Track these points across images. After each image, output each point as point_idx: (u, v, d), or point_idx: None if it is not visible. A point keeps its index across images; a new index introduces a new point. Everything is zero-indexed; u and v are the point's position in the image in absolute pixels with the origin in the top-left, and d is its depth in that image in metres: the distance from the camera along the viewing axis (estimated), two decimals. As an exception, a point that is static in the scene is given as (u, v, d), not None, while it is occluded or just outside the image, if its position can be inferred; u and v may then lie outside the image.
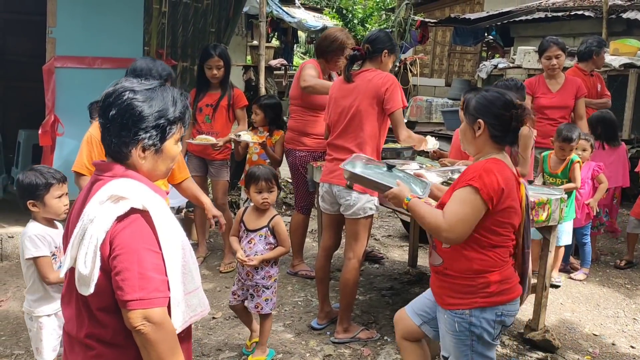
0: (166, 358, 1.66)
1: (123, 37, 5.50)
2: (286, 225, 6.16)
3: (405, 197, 2.64)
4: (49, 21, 5.14)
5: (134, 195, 1.69)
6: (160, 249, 1.68)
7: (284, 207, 6.77)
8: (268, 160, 5.00)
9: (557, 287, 4.87)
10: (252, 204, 3.54)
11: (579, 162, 4.72)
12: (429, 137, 4.15)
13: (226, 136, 4.86)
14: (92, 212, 1.67)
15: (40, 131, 5.12)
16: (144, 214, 1.69)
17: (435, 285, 2.69)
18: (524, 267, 2.66)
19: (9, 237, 5.02)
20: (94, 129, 3.09)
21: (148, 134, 1.75)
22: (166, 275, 1.68)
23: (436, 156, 4.60)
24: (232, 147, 5.10)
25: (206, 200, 3.50)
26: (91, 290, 1.63)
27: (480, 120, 2.59)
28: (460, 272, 2.56)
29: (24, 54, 7.31)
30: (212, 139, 4.71)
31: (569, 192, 4.60)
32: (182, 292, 1.74)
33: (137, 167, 1.80)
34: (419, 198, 2.71)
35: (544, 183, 4.75)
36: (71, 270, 1.75)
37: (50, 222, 2.90)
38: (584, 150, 4.91)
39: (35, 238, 2.77)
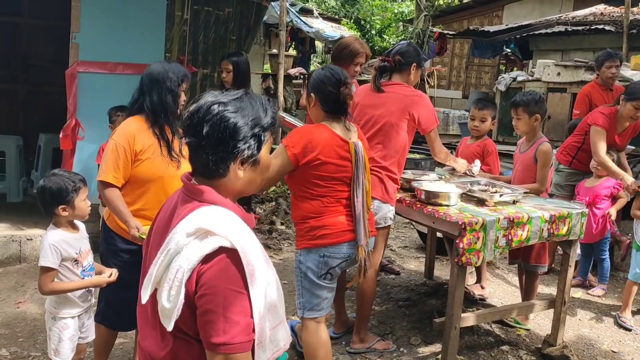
0: None
1: (145, 44, 5.55)
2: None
3: None
4: (73, 27, 5.20)
5: (223, 230, 1.58)
6: (247, 289, 1.58)
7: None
8: None
9: (628, 330, 4.47)
10: None
11: None
12: (477, 162, 4.20)
13: None
14: (179, 242, 1.58)
15: (61, 135, 5.18)
16: (232, 252, 1.57)
17: None
18: (355, 214, 3.06)
19: (27, 239, 5.07)
20: (120, 138, 2.96)
21: (247, 145, 1.64)
22: (251, 317, 1.58)
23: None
24: None
25: None
26: (170, 327, 1.56)
27: (312, 94, 3.12)
28: (296, 219, 3.14)
29: (46, 58, 7.40)
30: None
31: None
32: (266, 330, 1.64)
33: (232, 183, 1.69)
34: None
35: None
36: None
37: (71, 226, 2.90)
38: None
39: (49, 247, 2.77)
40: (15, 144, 6.33)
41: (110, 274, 2.91)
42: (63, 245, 2.79)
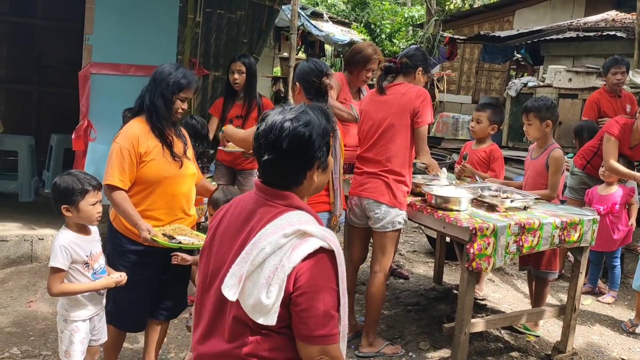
0: None
1: (157, 46, 5.58)
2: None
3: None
4: (87, 28, 5.24)
5: (320, 233, 1.72)
6: (338, 286, 1.73)
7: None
8: None
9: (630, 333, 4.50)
10: None
11: None
12: (444, 170, 4.14)
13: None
14: (276, 242, 1.69)
15: (73, 136, 5.21)
16: (330, 253, 1.72)
17: None
18: (334, 188, 3.45)
19: (39, 239, 5.10)
20: (124, 140, 2.97)
21: (320, 153, 1.81)
22: (338, 312, 1.73)
23: (461, 174, 4.59)
24: None
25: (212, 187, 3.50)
26: (272, 321, 1.66)
27: (297, 83, 3.47)
28: None
29: (59, 60, 7.45)
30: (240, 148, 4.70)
31: None
32: (345, 325, 1.79)
33: (305, 189, 1.85)
34: None
35: None
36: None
37: (82, 228, 2.86)
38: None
39: (59, 248, 2.73)
40: (28, 144, 6.37)
41: (120, 275, 2.89)
42: (73, 247, 2.76)
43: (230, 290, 1.71)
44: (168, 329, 3.45)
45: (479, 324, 3.62)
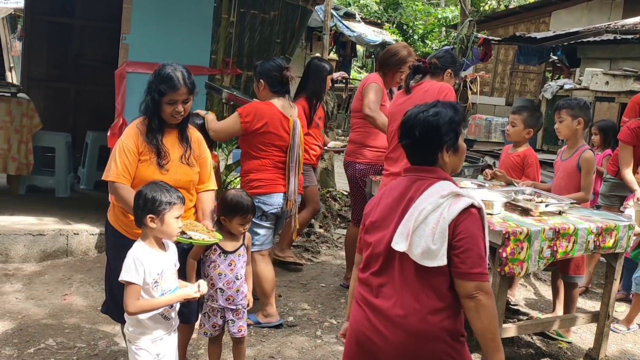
0: (493, 320, 2.11)
1: (192, 45, 5.64)
2: (340, 237, 6.20)
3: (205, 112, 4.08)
4: (124, 28, 5.32)
5: (469, 194, 2.16)
6: (485, 237, 2.14)
7: (338, 219, 6.76)
8: None
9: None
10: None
11: None
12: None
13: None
14: (435, 202, 2.12)
15: (109, 133, 5.29)
16: (479, 209, 2.14)
17: None
18: (289, 175, 3.98)
19: (74, 233, 5.20)
20: (126, 138, 2.99)
21: (448, 137, 2.21)
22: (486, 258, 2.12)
23: (489, 177, 4.54)
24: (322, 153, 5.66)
25: (205, 220, 3.22)
26: (442, 262, 2.06)
27: (261, 80, 3.96)
28: (242, 173, 4.08)
29: (96, 59, 7.59)
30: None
31: None
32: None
33: (442, 168, 2.24)
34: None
35: None
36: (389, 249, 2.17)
37: (159, 244, 2.69)
38: None
39: (133, 262, 2.56)
40: (65, 141, 6.49)
41: (197, 287, 2.71)
42: (148, 261, 2.58)
43: (399, 245, 2.13)
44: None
45: (510, 329, 3.58)
